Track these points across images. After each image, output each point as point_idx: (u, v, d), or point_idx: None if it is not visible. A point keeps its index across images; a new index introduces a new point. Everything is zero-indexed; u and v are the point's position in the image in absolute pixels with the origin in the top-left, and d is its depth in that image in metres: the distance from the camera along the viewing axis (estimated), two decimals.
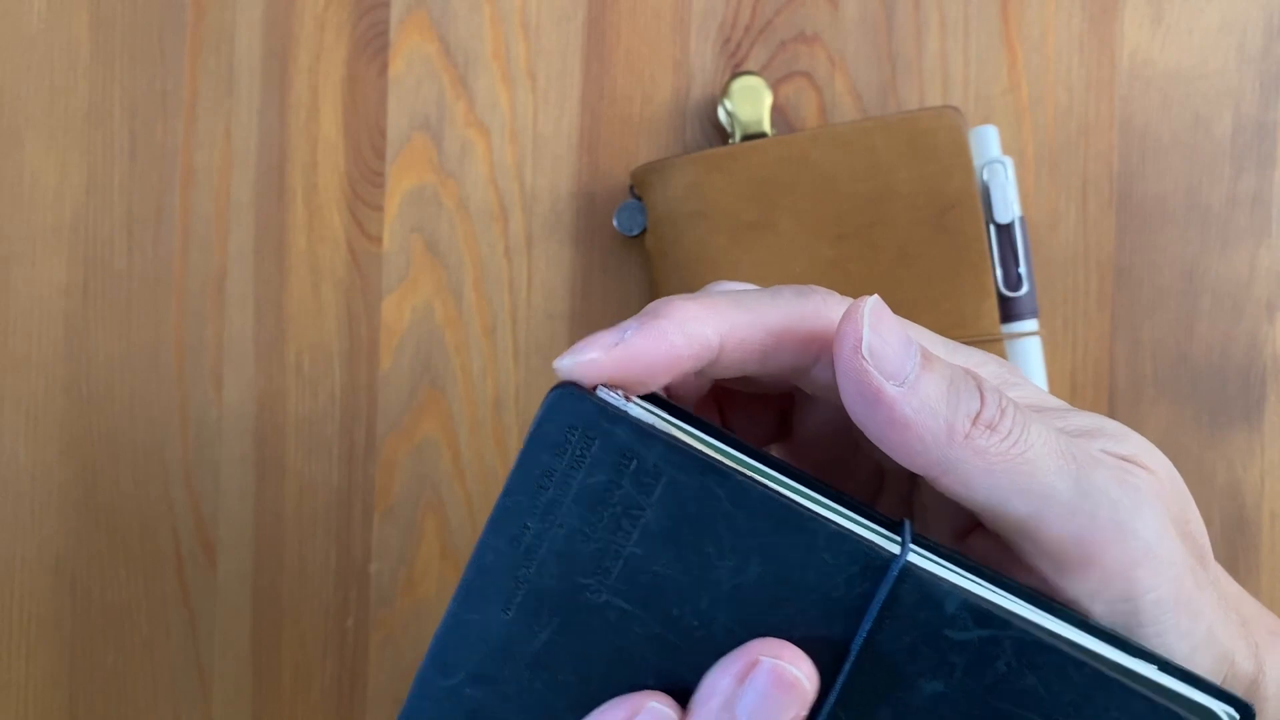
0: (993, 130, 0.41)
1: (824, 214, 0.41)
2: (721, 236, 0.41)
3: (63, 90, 0.44)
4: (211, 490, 0.43)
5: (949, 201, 0.40)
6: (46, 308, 0.44)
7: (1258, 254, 0.43)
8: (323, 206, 0.44)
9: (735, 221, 0.41)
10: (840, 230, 0.40)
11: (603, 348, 0.23)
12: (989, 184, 0.41)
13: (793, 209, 0.41)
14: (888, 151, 0.40)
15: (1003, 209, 0.40)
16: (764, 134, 0.42)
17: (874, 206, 0.40)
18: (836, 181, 0.40)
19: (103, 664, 0.44)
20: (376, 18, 0.44)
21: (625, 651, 0.22)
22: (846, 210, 0.40)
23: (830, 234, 0.41)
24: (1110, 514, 0.23)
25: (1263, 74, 0.43)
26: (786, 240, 0.41)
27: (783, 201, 0.41)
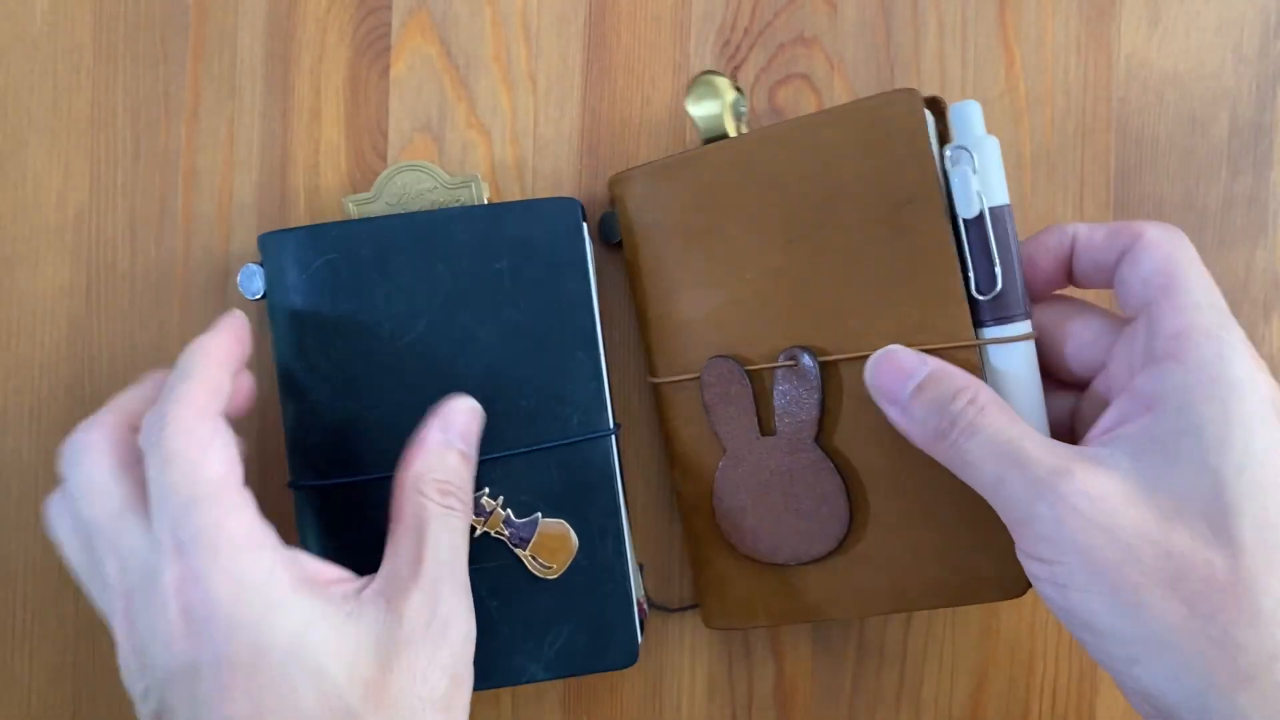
0: (973, 107, 0.36)
1: (772, 218, 0.38)
2: (675, 245, 0.40)
3: (66, 92, 0.44)
4: None
5: (904, 196, 0.37)
6: (50, 308, 0.44)
7: (1254, 255, 0.44)
8: (325, 207, 0.44)
9: (686, 230, 0.40)
10: (789, 234, 0.38)
11: None
12: (949, 174, 0.36)
13: (740, 214, 0.39)
14: (836, 146, 0.37)
15: (964, 202, 0.35)
16: (726, 134, 0.40)
17: (823, 207, 0.38)
18: (783, 183, 0.38)
19: (105, 663, 0.44)
20: (378, 20, 0.44)
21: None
22: (795, 212, 0.38)
23: (779, 239, 0.38)
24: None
25: (1259, 76, 0.44)
26: (737, 247, 0.39)
27: (730, 207, 0.39)
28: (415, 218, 0.40)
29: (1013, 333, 0.36)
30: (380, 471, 0.39)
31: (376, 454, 0.40)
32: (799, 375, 0.39)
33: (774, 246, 0.38)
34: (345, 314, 0.40)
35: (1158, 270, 0.33)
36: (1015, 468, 0.32)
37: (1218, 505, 0.30)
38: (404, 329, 0.40)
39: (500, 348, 0.40)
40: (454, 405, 0.38)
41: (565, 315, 0.40)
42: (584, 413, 0.40)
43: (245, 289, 0.41)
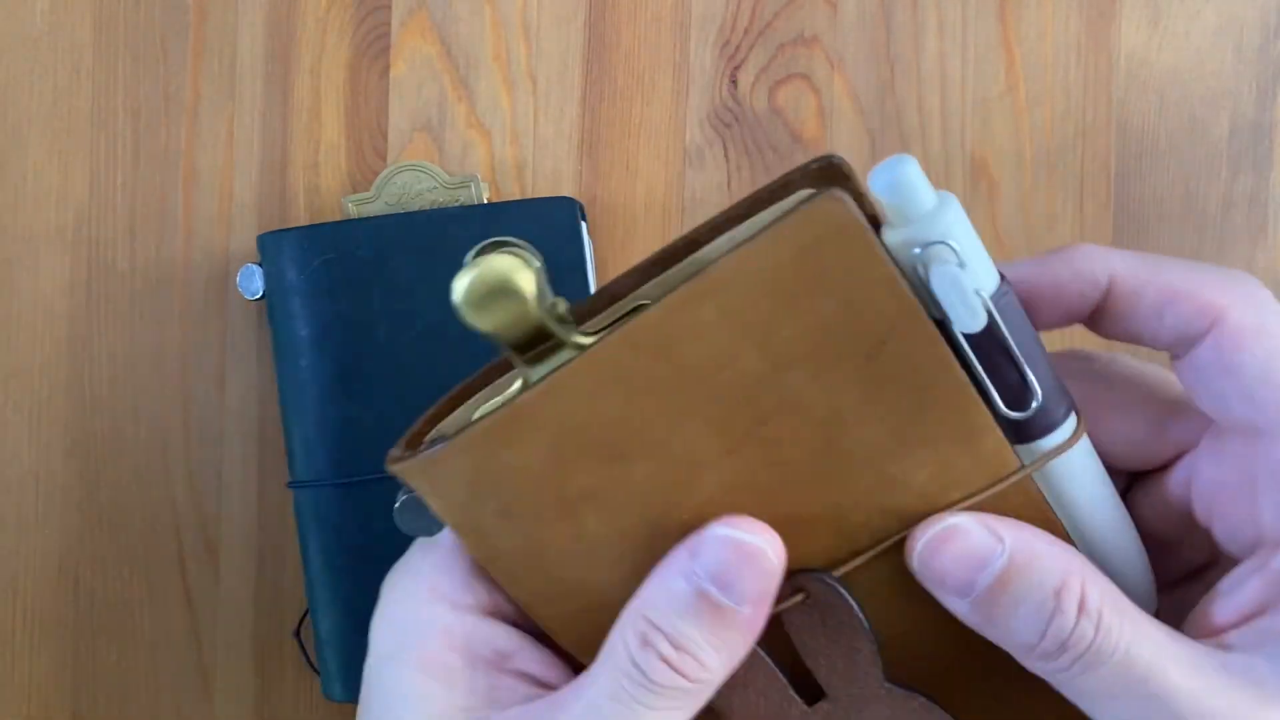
0: (909, 168, 0.24)
1: (690, 434, 0.26)
2: (550, 525, 0.27)
3: (65, 92, 0.44)
4: (214, 490, 0.44)
5: (875, 336, 0.25)
6: (49, 309, 0.44)
7: (1254, 255, 0.44)
8: (324, 207, 0.44)
9: (561, 496, 0.26)
10: (725, 443, 0.26)
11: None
12: (929, 279, 0.24)
13: (642, 448, 0.26)
14: (746, 311, 0.25)
15: (964, 313, 0.24)
16: (548, 341, 0.25)
17: (761, 392, 0.26)
18: (686, 385, 0.25)
19: (105, 663, 0.44)
20: (378, 20, 0.44)
21: None
22: (721, 415, 0.26)
23: (713, 453, 0.26)
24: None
25: (1259, 75, 0.44)
26: (651, 490, 0.26)
27: (623, 444, 0.26)
28: (414, 218, 0.40)
29: (1064, 436, 0.26)
30: (379, 472, 0.39)
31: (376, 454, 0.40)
32: (820, 608, 0.27)
33: (708, 467, 0.26)
34: (344, 314, 0.40)
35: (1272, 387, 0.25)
36: (1161, 711, 0.24)
37: None
38: (403, 329, 0.40)
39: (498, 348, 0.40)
40: (712, 529, 0.26)
41: None
42: None
43: (244, 289, 0.41)
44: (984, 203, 0.44)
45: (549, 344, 0.25)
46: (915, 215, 0.24)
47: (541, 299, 0.24)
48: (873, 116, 0.44)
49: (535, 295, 0.24)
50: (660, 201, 0.44)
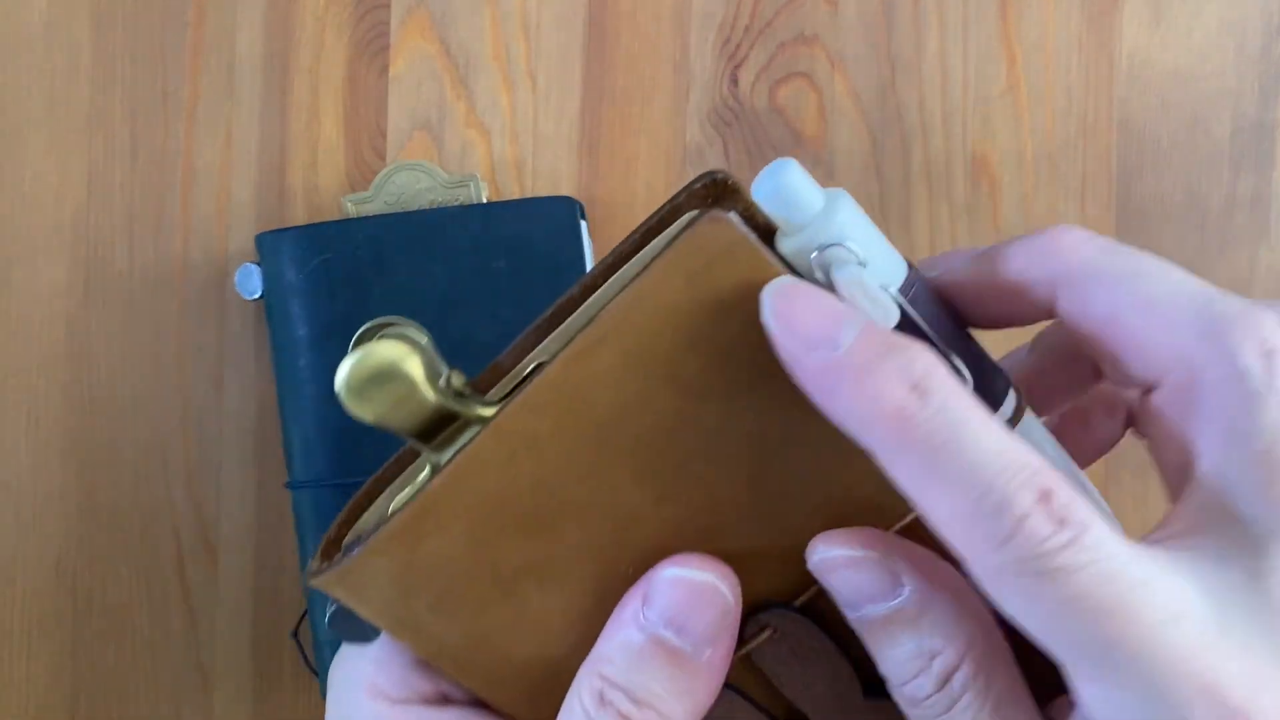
0: (790, 170, 0.23)
1: (616, 488, 0.24)
2: (490, 609, 0.26)
3: (64, 91, 0.44)
4: (213, 491, 0.43)
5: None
6: (47, 308, 0.44)
7: (1257, 254, 0.43)
8: (323, 207, 0.44)
9: (495, 577, 0.25)
10: (655, 490, 0.25)
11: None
12: (833, 282, 0.23)
13: (568, 512, 0.25)
14: (648, 350, 0.23)
15: (874, 311, 0.23)
16: (452, 422, 0.24)
17: (681, 430, 0.24)
18: (601, 438, 0.24)
19: (104, 664, 0.44)
20: (377, 18, 0.44)
21: None
22: (644, 462, 0.24)
23: (645, 503, 0.25)
24: None
25: (1262, 75, 0.44)
26: (590, 553, 0.25)
27: (547, 512, 0.25)
28: (413, 217, 0.40)
29: (1005, 415, 0.25)
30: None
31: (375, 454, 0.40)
32: (788, 640, 0.26)
33: (642, 520, 0.25)
34: (342, 313, 0.40)
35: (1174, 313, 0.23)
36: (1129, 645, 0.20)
37: None
38: None
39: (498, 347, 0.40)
40: (660, 572, 0.25)
41: None
42: None
43: (243, 289, 0.41)
44: (985, 202, 0.43)
45: (453, 425, 0.24)
46: (805, 220, 0.23)
47: (433, 380, 0.23)
48: (873, 115, 0.44)
49: (424, 378, 0.23)
50: (660, 201, 0.43)
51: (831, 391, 0.21)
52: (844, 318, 0.21)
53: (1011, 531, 0.19)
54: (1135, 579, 0.19)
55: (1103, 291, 0.23)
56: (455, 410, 0.23)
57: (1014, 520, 0.19)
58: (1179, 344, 0.22)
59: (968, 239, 0.43)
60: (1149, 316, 0.22)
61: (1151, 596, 0.20)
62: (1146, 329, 0.22)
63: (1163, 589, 0.20)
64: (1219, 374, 0.21)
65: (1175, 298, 0.22)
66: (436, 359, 0.23)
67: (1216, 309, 0.22)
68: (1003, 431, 0.20)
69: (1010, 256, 0.24)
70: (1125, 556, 0.20)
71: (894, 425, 0.20)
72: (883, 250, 0.24)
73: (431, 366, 0.23)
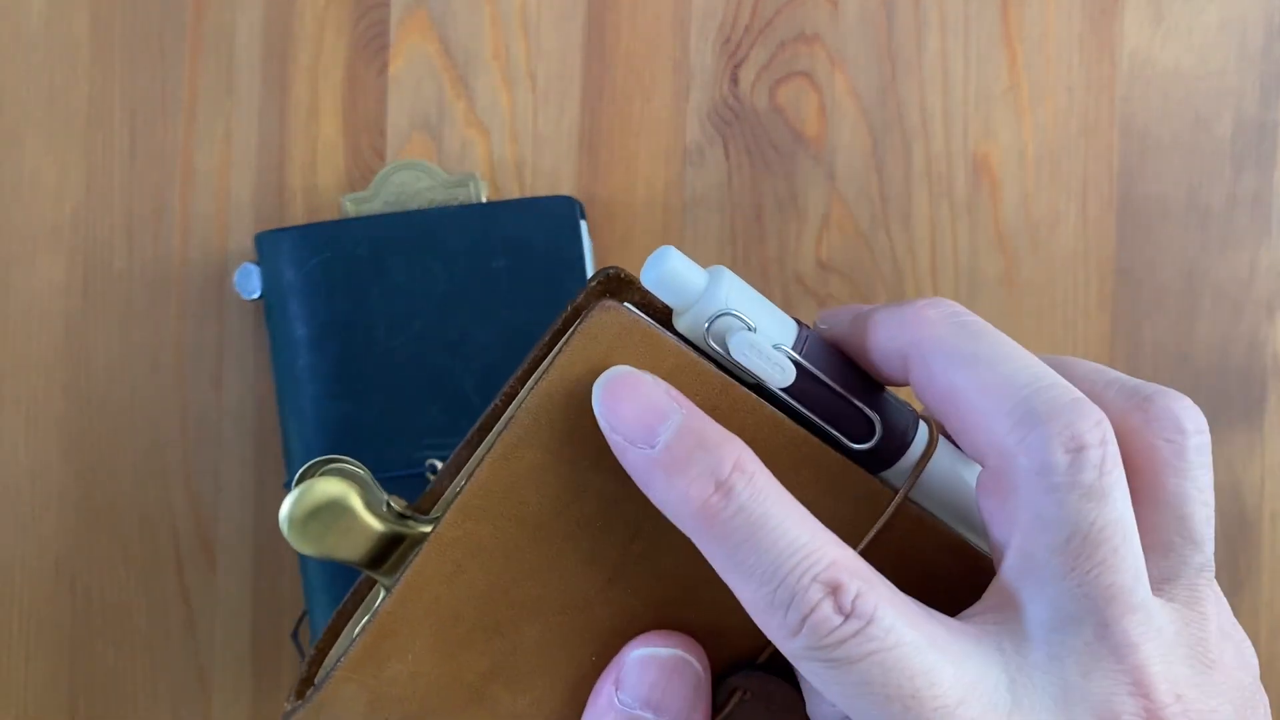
0: (671, 257, 0.24)
1: (566, 578, 0.25)
2: (463, 717, 0.26)
3: (62, 90, 0.44)
4: (211, 491, 0.43)
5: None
6: (46, 308, 0.44)
7: (1258, 254, 0.43)
8: (322, 206, 0.44)
9: (463, 686, 0.26)
10: (603, 573, 0.25)
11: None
12: (729, 350, 0.24)
13: (523, 610, 0.25)
14: (569, 441, 0.24)
15: (772, 372, 0.24)
16: (399, 545, 0.25)
17: (617, 512, 0.25)
18: (542, 532, 0.25)
19: (102, 664, 0.44)
20: (376, 17, 0.44)
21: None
22: (588, 548, 0.25)
23: (596, 587, 0.25)
24: None
25: (1263, 74, 0.43)
26: (552, 645, 0.26)
27: (503, 613, 0.25)
28: (412, 216, 0.40)
29: (920, 448, 0.26)
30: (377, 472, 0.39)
31: (373, 454, 0.40)
32: (760, 699, 0.27)
33: (596, 604, 0.26)
34: (341, 313, 0.40)
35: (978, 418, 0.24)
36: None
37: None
38: (400, 328, 0.40)
39: (497, 348, 0.40)
40: (627, 655, 0.26)
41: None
42: None
43: (242, 288, 0.41)
44: (985, 202, 0.43)
45: (400, 547, 0.25)
46: (692, 299, 0.24)
47: (373, 507, 0.24)
48: (874, 115, 0.43)
49: (363, 506, 0.24)
50: (660, 200, 0.44)
51: (648, 485, 0.23)
52: (663, 416, 0.23)
53: (800, 622, 0.21)
54: (917, 668, 0.21)
55: (941, 370, 0.24)
56: (399, 531, 0.24)
57: (802, 612, 0.21)
58: (998, 432, 0.23)
59: (968, 239, 0.43)
60: (977, 400, 0.23)
61: (932, 685, 0.21)
62: (973, 413, 0.23)
63: (947, 676, 0.21)
64: (1027, 465, 0.22)
65: (1002, 386, 0.23)
66: (375, 487, 0.24)
67: (1036, 401, 0.23)
68: (804, 526, 0.22)
69: (878, 323, 0.25)
70: (913, 646, 0.21)
71: (700, 522, 0.22)
72: (769, 313, 0.25)
73: (370, 494, 0.24)
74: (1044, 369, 0.23)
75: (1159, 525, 0.24)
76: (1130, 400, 0.25)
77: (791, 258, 0.43)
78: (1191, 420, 0.24)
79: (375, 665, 0.25)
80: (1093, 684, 0.22)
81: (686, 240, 0.43)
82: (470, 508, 0.24)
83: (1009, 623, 0.23)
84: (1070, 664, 0.22)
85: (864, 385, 0.26)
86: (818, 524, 0.23)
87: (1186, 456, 0.24)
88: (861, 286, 0.43)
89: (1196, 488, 0.24)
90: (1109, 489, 0.22)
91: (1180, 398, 0.25)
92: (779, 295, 0.44)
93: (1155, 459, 0.24)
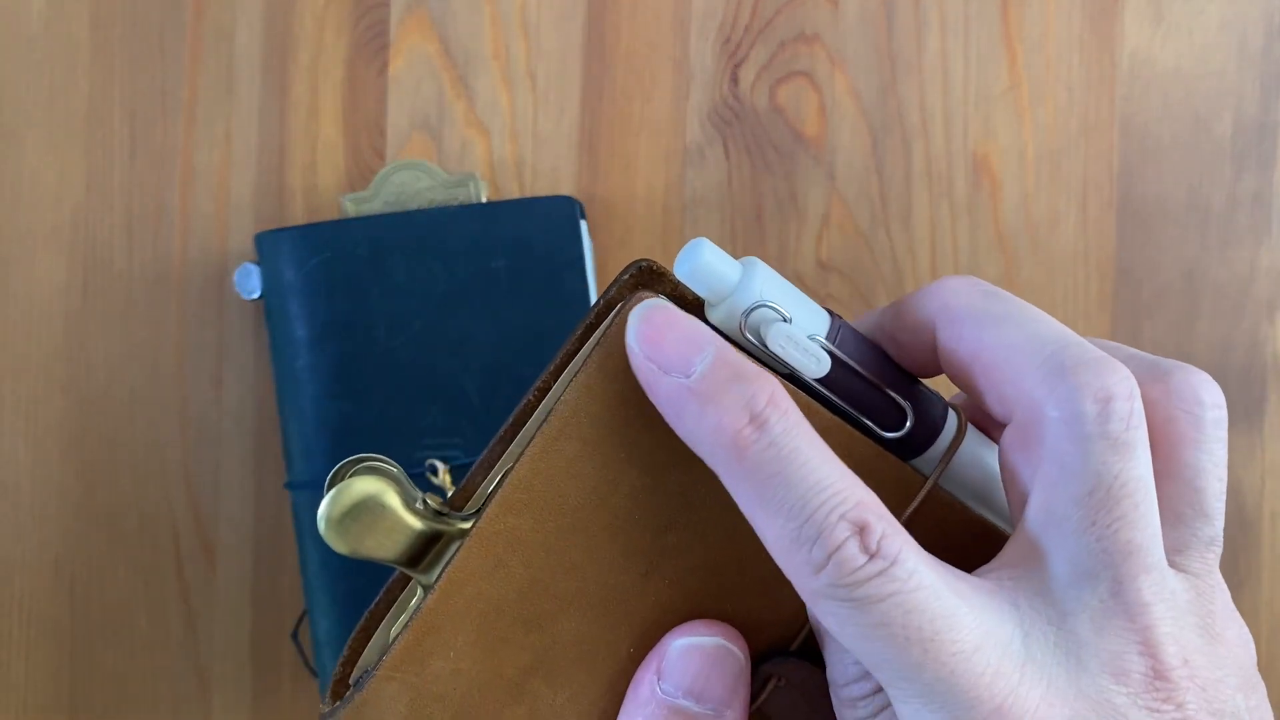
0: (707, 250, 0.25)
1: (603, 570, 0.26)
2: (504, 713, 0.26)
3: (62, 90, 0.44)
4: (211, 490, 0.43)
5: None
6: (46, 308, 0.44)
7: (1258, 254, 0.43)
8: (322, 206, 0.44)
9: (504, 681, 0.26)
10: (639, 566, 0.26)
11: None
12: (765, 341, 0.25)
13: (561, 603, 0.26)
14: (606, 435, 0.25)
15: (807, 362, 0.25)
16: (435, 544, 0.25)
17: (652, 504, 0.25)
18: (580, 525, 0.25)
19: (102, 664, 0.44)
20: (376, 17, 0.44)
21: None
22: (624, 541, 0.25)
23: (632, 580, 0.26)
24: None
25: (1263, 74, 0.43)
26: (590, 638, 0.26)
27: (541, 607, 0.26)
28: (412, 216, 0.40)
29: (950, 435, 0.26)
30: None
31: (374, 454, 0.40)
32: (795, 688, 0.28)
33: (632, 596, 0.26)
34: (342, 313, 0.40)
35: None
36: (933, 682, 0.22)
37: None
38: (400, 328, 0.40)
39: (497, 347, 0.40)
40: (669, 644, 0.26)
41: (563, 314, 0.40)
42: None
43: (242, 288, 0.41)
44: (985, 202, 0.43)
45: (437, 545, 0.25)
46: (727, 290, 0.25)
47: (409, 505, 0.24)
48: (874, 115, 0.43)
49: (401, 505, 0.24)
50: (660, 200, 0.44)
51: (678, 415, 0.23)
52: (699, 346, 0.23)
53: (825, 559, 0.21)
54: (938, 610, 0.21)
55: (970, 331, 0.24)
56: (436, 529, 0.24)
57: (828, 549, 0.21)
58: (1027, 384, 0.23)
59: (968, 239, 0.43)
60: (1006, 356, 0.24)
61: (951, 629, 0.21)
62: (1001, 368, 0.24)
63: (966, 622, 0.22)
64: (1056, 415, 0.23)
65: (1031, 341, 0.23)
66: (410, 486, 0.24)
67: (1065, 355, 0.23)
68: (833, 466, 0.22)
69: (908, 301, 0.26)
70: (934, 590, 0.22)
71: (731, 453, 0.22)
72: (803, 304, 0.25)
73: (407, 493, 0.24)
74: (1069, 330, 0.24)
75: (1172, 496, 0.24)
76: (1150, 373, 0.24)
77: (791, 258, 0.43)
78: (1210, 394, 0.24)
79: (417, 663, 0.25)
80: (1105, 641, 0.22)
81: (686, 240, 0.43)
82: (511, 501, 0.24)
83: (1026, 577, 0.23)
84: (1084, 619, 0.22)
85: (896, 375, 0.26)
86: (845, 467, 0.23)
87: (1204, 429, 0.24)
88: (861, 286, 0.43)
89: (1212, 461, 0.24)
90: (1134, 444, 0.22)
91: (1198, 372, 0.25)
92: None
93: (1173, 430, 0.24)
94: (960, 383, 0.26)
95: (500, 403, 0.39)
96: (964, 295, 0.25)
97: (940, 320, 0.25)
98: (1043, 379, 0.23)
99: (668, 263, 0.25)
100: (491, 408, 0.39)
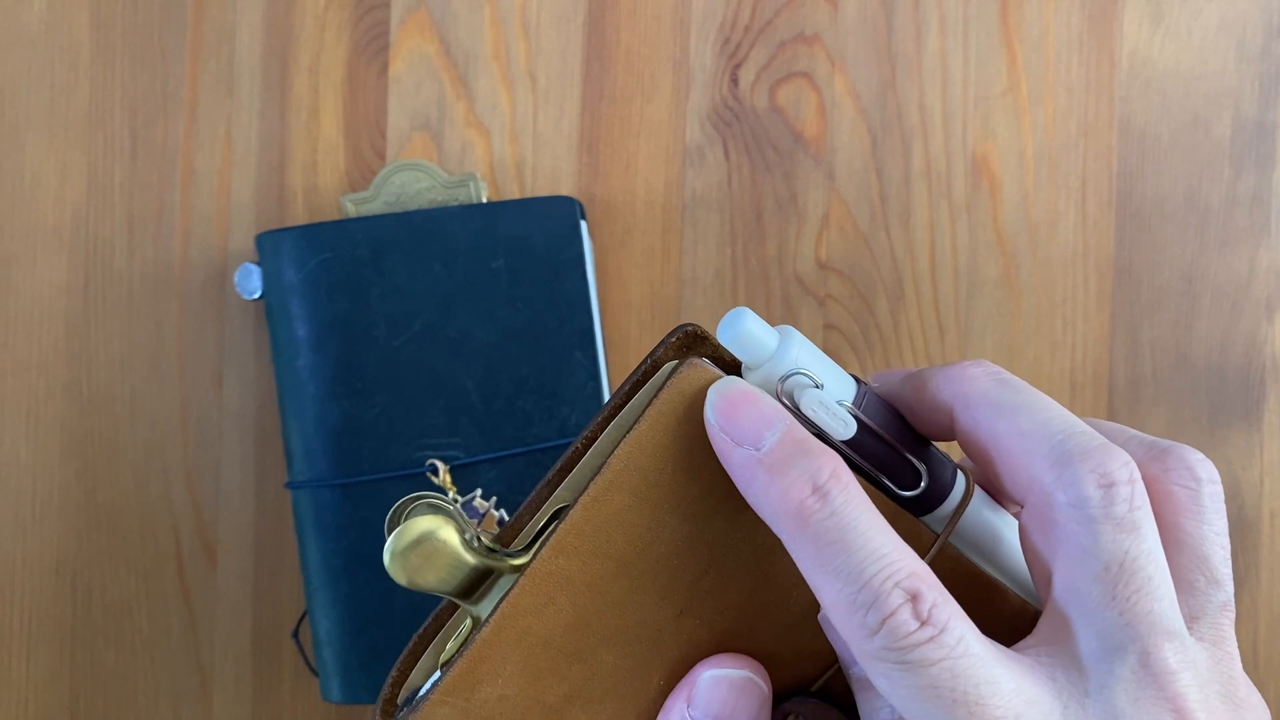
0: (748, 319, 0.26)
1: (642, 610, 0.27)
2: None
3: (63, 90, 0.44)
4: (212, 490, 0.43)
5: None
6: (47, 308, 0.44)
7: (1257, 254, 0.43)
8: (323, 206, 0.44)
9: (544, 708, 0.28)
10: (675, 607, 0.28)
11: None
12: (798, 404, 0.27)
13: (602, 639, 0.27)
14: (654, 487, 0.27)
15: (835, 426, 0.27)
16: (488, 578, 0.27)
17: (691, 551, 0.27)
18: (625, 568, 0.27)
19: (103, 663, 0.44)
20: (377, 18, 0.44)
21: None
22: (663, 584, 0.27)
23: (667, 619, 0.28)
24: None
25: (1262, 74, 0.43)
26: (625, 671, 0.28)
27: (584, 642, 0.27)
28: (412, 217, 0.40)
29: (958, 496, 0.28)
30: (378, 472, 0.39)
31: (374, 454, 0.40)
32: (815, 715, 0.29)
33: (666, 634, 0.28)
34: (342, 313, 0.40)
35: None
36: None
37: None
38: (401, 328, 0.40)
39: (497, 347, 0.40)
40: (699, 674, 0.28)
41: (562, 315, 0.40)
42: (581, 413, 0.40)
43: (242, 288, 0.41)
44: (985, 202, 0.43)
45: (488, 579, 0.27)
46: (764, 356, 0.27)
47: (466, 542, 0.26)
48: (874, 115, 0.44)
49: (460, 543, 0.26)
50: (660, 200, 0.44)
51: (749, 484, 0.25)
52: (770, 423, 0.25)
53: (879, 623, 0.23)
54: (983, 677, 0.23)
55: (985, 418, 0.26)
56: (489, 565, 0.27)
57: (882, 614, 0.23)
58: (1037, 471, 0.25)
59: (967, 239, 0.43)
60: (1018, 444, 0.26)
61: (995, 694, 0.23)
62: (1015, 454, 0.26)
63: (1008, 689, 0.23)
64: (1064, 500, 0.25)
65: (1040, 430, 0.25)
66: (464, 521, 0.27)
67: (1070, 444, 0.25)
68: (888, 537, 0.24)
69: (929, 379, 0.28)
70: (980, 658, 0.23)
71: (795, 521, 0.24)
72: (832, 371, 0.27)
73: (463, 531, 0.26)
74: (1075, 418, 0.26)
75: (1182, 566, 0.26)
76: (1148, 453, 0.27)
77: (791, 258, 0.44)
78: (1205, 470, 0.26)
79: (468, 689, 0.27)
80: (1140, 711, 0.23)
81: (686, 240, 0.43)
82: (564, 545, 0.26)
83: (1060, 654, 0.25)
84: (1119, 691, 0.24)
85: (912, 438, 0.28)
86: (899, 538, 0.24)
87: (1202, 502, 0.26)
88: (861, 286, 0.44)
89: (1214, 531, 0.26)
90: (1139, 522, 0.24)
91: (1194, 451, 0.27)
92: (779, 295, 0.44)
93: (1173, 504, 0.26)
94: (978, 463, 0.27)
95: (500, 403, 0.40)
96: (980, 383, 0.27)
97: (957, 406, 0.27)
98: (1050, 466, 0.25)
99: (665, 264, 0.26)
100: (491, 408, 0.39)
